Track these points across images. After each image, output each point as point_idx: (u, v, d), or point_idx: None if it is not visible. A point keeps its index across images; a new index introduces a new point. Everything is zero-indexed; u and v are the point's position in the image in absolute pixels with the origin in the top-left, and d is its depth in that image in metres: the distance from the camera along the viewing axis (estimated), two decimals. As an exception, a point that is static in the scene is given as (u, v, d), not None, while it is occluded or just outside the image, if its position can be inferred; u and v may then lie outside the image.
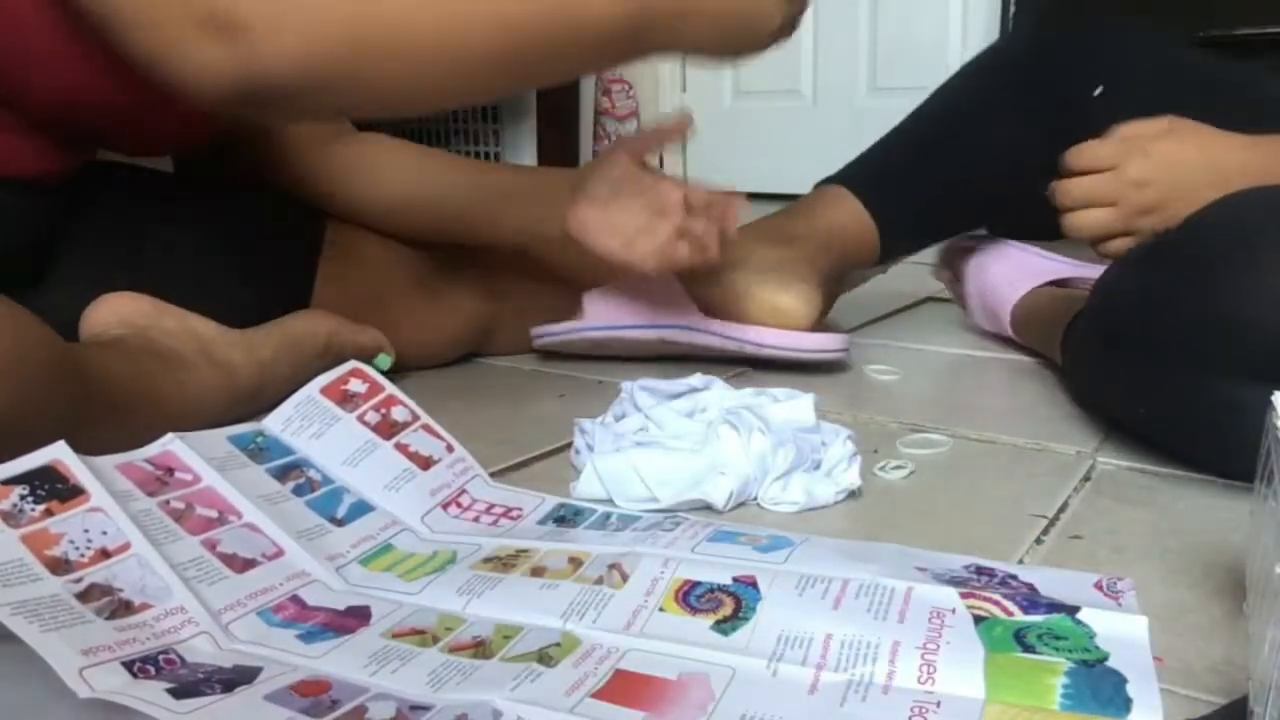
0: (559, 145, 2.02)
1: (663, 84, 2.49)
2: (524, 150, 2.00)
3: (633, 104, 2.42)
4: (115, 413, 0.63)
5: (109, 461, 0.51)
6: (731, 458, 0.62)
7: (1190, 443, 0.67)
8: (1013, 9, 1.81)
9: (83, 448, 0.49)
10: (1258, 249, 0.60)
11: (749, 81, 2.38)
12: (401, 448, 0.63)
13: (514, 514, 0.61)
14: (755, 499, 0.63)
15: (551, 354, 1.01)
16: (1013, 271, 1.04)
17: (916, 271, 1.37)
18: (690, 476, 0.62)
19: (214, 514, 0.52)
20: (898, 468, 0.69)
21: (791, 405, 0.68)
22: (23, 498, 0.46)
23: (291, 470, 0.59)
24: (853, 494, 0.64)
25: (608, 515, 0.60)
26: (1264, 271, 0.59)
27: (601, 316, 0.92)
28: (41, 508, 0.46)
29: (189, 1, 0.55)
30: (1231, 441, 0.62)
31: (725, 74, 2.43)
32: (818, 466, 0.65)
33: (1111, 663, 0.42)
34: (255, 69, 0.56)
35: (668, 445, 0.64)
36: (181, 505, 0.51)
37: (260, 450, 0.59)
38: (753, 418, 0.64)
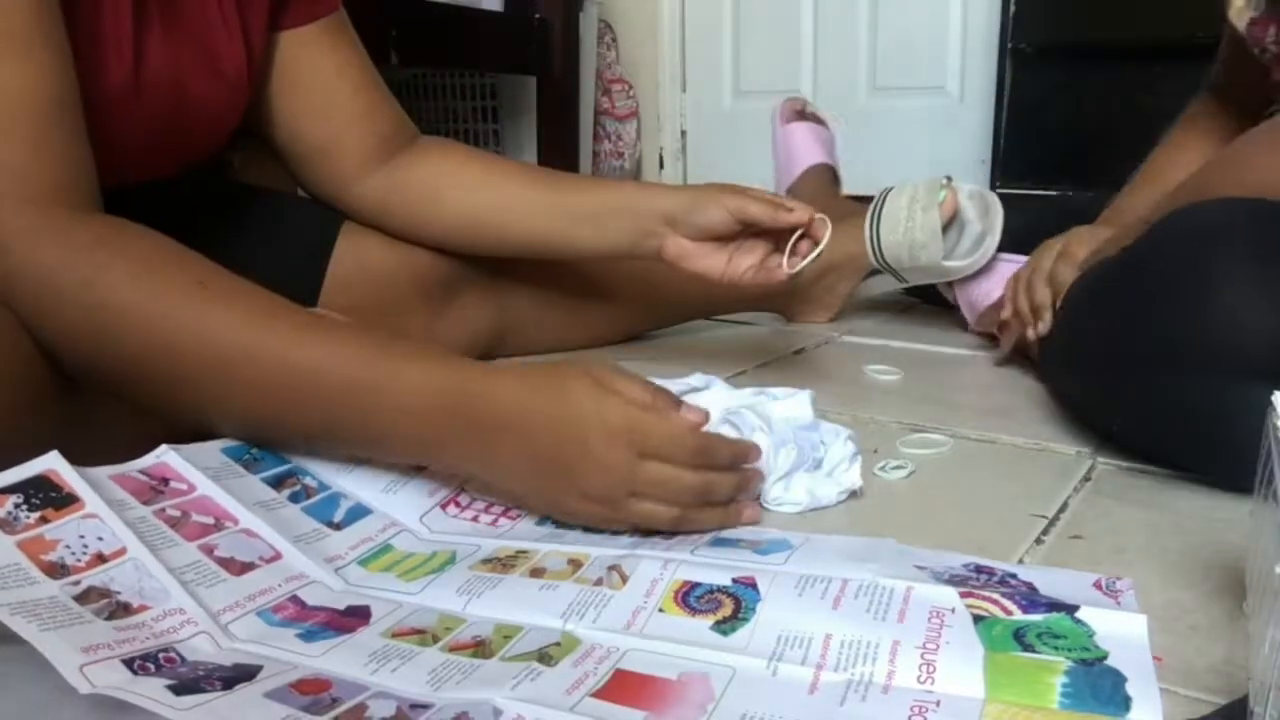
0: (559, 145, 2.01)
1: (663, 84, 2.49)
2: (524, 150, 2.00)
3: (633, 104, 2.42)
4: (111, 418, 0.63)
5: (104, 472, 0.51)
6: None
7: (1175, 452, 0.67)
8: (1013, 9, 1.81)
9: (79, 452, 0.49)
10: (1211, 269, 0.61)
11: (749, 81, 2.38)
12: None
13: (512, 514, 0.61)
14: (758, 499, 0.63)
15: (550, 353, 1.01)
16: (993, 285, 1.05)
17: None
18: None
19: (210, 520, 0.52)
20: (898, 468, 0.69)
21: (789, 402, 0.68)
22: (17, 506, 0.46)
23: (286, 478, 0.59)
24: (854, 494, 0.64)
25: (607, 515, 0.60)
26: (1217, 291, 0.60)
27: None
28: (36, 515, 0.46)
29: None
30: (1216, 448, 0.62)
31: (725, 74, 2.43)
32: (818, 465, 0.65)
33: (1111, 661, 0.42)
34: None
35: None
36: (177, 513, 0.51)
37: (254, 460, 0.59)
38: (754, 418, 0.64)
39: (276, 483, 0.58)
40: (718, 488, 0.57)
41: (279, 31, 0.80)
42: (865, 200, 1.12)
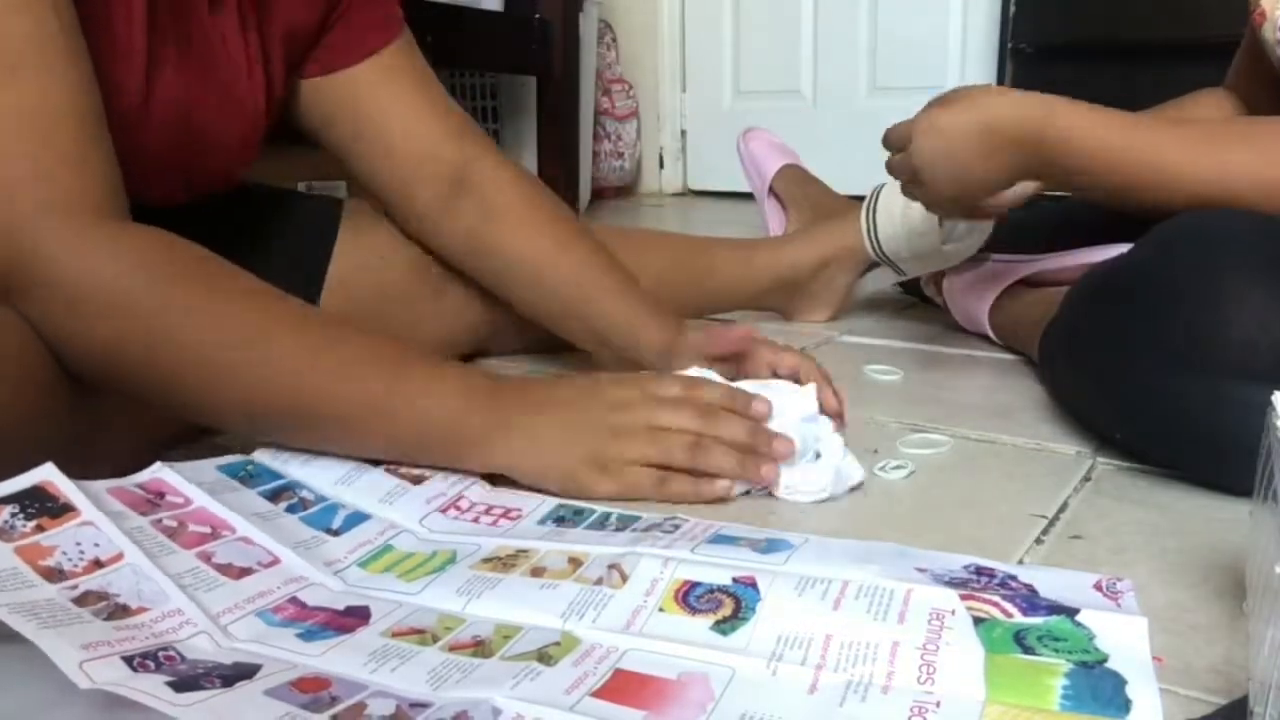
0: (559, 145, 2.01)
1: (663, 84, 2.49)
2: (524, 150, 2.01)
3: (633, 104, 2.42)
4: (123, 427, 0.63)
5: (100, 486, 0.51)
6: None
7: (1176, 458, 0.67)
8: (1013, 9, 1.81)
9: (88, 459, 0.50)
10: (1224, 282, 0.60)
11: (749, 81, 2.38)
12: (392, 469, 0.63)
13: (513, 514, 0.61)
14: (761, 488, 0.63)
15: (546, 353, 1.00)
16: (974, 280, 1.05)
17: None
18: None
19: (207, 529, 0.52)
20: (898, 468, 0.69)
21: (794, 395, 0.68)
22: (13, 515, 0.46)
23: (283, 492, 0.59)
24: (854, 491, 0.64)
25: (607, 515, 0.60)
26: (1231, 304, 0.60)
27: None
28: (33, 524, 0.46)
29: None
30: (1224, 458, 0.62)
31: (725, 74, 2.43)
32: (819, 457, 0.65)
33: (1111, 664, 0.42)
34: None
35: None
36: (174, 523, 0.52)
37: (250, 477, 0.59)
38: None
39: (273, 496, 0.58)
40: (724, 417, 0.64)
41: (331, 74, 0.80)
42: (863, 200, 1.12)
